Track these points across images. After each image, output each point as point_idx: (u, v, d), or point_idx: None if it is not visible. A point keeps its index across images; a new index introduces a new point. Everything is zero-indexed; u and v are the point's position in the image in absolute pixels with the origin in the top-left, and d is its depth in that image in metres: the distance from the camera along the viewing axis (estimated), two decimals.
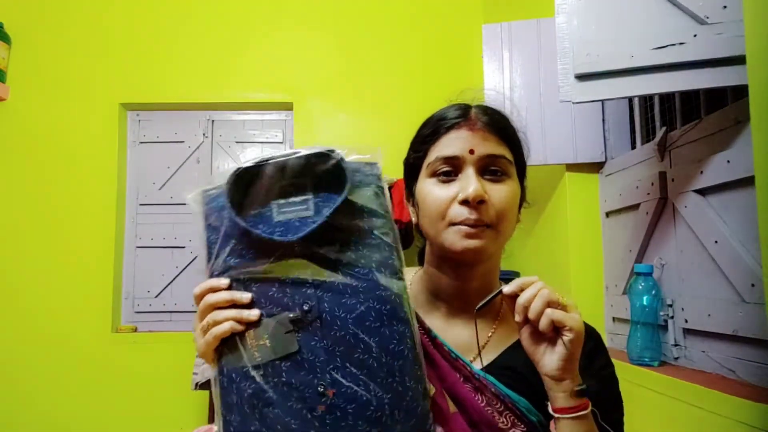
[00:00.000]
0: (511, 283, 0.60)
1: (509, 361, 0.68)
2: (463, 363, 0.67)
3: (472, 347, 0.69)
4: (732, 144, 1.08)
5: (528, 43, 1.75)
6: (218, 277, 0.59)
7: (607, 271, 1.62)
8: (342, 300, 0.58)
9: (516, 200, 0.69)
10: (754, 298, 1.00)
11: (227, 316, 0.57)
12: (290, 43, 2.76)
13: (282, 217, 0.60)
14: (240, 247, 0.59)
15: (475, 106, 0.71)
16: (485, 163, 0.67)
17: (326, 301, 0.58)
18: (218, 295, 0.58)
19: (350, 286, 0.58)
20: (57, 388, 2.52)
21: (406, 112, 2.60)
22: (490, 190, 0.66)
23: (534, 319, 0.58)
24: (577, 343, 0.58)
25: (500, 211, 0.65)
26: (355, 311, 0.57)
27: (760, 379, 1.00)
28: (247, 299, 0.58)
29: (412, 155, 0.73)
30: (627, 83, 1.15)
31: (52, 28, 2.72)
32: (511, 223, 0.68)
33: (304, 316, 0.57)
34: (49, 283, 2.58)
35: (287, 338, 0.57)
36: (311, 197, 0.61)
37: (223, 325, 0.57)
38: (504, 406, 0.64)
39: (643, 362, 1.25)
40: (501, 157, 0.67)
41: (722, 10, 1.04)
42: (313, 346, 0.57)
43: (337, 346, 0.56)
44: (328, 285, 0.58)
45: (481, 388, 0.65)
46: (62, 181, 2.65)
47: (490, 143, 0.67)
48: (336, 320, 0.57)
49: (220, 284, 0.59)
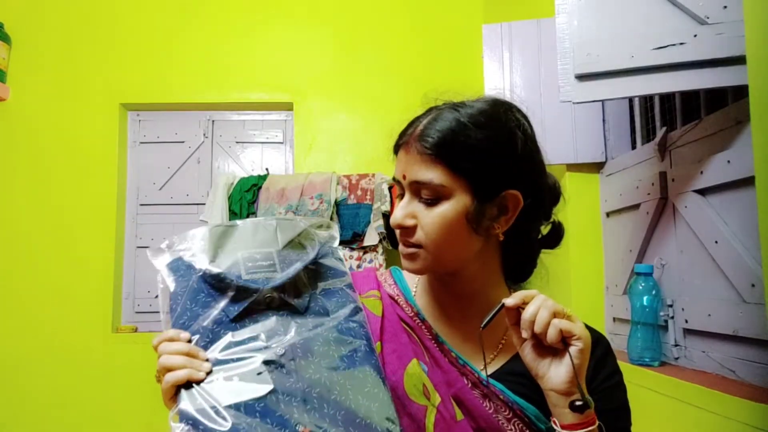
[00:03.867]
0: (513, 296, 0.59)
1: (518, 368, 0.66)
2: (471, 369, 0.66)
3: (480, 353, 0.68)
4: (732, 144, 1.08)
5: (528, 43, 1.75)
6: (184, 325, 0.58)
7: (608, 271, 1.62)
8: (314, 347, 0.59)
9: (451, 224, 0.63)
10: (755, 298, 1.00)
11: (180, 363, 0.54)
12: (290, 43, 2.76)
13: (249, 276, 0.62)
14: (208, 299, 0.61)
15: (424, 121, 0.67)
16: (416, 188, 0.65)
17: (299, 347, 0.59)
18: (174, 345, 0.56)
19: (320, 336, 0.60)
20: (57, 388, 2.52)
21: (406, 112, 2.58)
22: (420, 214, 0.64)
23: (541, 331, 0.56)
24: (585, 353, 0.57)
25: (428, 235, 0.64)
26: (327, 357, 0.59)
27: (761, 379, 1.00)
28: (203, 357, 0.56)
29: None
30: (627, 83, 1.15)
31: (52, 28, 2.73)
32: (450, 245, 0.65)
33: (278, 359, 0.57)
34: (49, 283, 2.58)
35: (260, 378, 0.56)
36: (276, 261, 0.64)
37: (179, 371, 0.54)
38: (513, 414, 0.63)
39: (643, 362, 1.25)
40: (429, 183, 0.63)
41: (722, 10, 1.04)
42: (288, 387, 0.56)
43: (314, 387, 0.57)
44: (299, 332, 0.60)
45: (489, 395, 0.64)
46: (62, 182, 2.65)
47: (419, 167, 0.64)
48: (310, 365, 0.58)
49: (180, 336, 0.57)
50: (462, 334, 0.70)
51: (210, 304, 0.60)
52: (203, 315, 0.59)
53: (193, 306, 0.60)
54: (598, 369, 0.67)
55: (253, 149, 2.83)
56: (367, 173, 2.43)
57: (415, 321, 0.71)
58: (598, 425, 0.58)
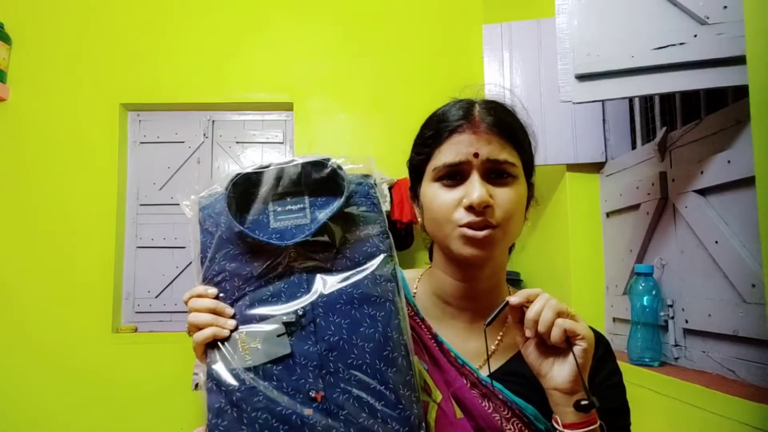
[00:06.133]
0: (517, 294, 0.59)
1: (517, 368, 0.66)
2: (470, 369, 0.66)
3: (479, 353, 0.69)
4: (732, 144, 1.08)
5: (528, 43, 1.75)
6: (212, 280, 0.60)
7: (608, 271, 1.62)
8: (336, 306, 0.58)
9: (522, 201, 0.67)
10: (755, 298, 1.00)
11: (207, 321, 0.58)
12: (290, 44, 2.76)
13: (278, 224, 0.61)
14: (236, 252, 0.60)
15: (478, 104, 0.69)
16: (489, 167, 0.65)
17: (320, 306, 0.58)
18: (201, 301, 0.59)
19: (345, 292, 0.59)
20: (57, 388, 2.52)
21: (406, 112, 2.60)
22: (495, 193, 0.64)
23: (544, 331, 0.56)
24: (589, 353, 0.57)
25: (506, 213, 0.64)
26: (348, 317, 0.58)
27: (761, 380, 1.00)
28: (229, 313, 0.59)
29: (416, 157, 0.72)
30: (627, 83, 1.15)
31: (52, 28, 2.72)
32: (517, 224, 0.67)
33: (297, 320, 0.57)
34: (49, 284, 2.58)
35: (279, 341, 0.57)
36: (307, 205, 0.62)
37: (205, 330, 0.57)
38: (511, 413, 0.63)
39: (643, 362, 1.25)
40: (505, 161, 0.65)
41: (722, 10, 1.04)
42: (305, 350, 0.57)
43: (331, 351, 0.57)
44: (323, 289, 0.59)
45: (488, 395, 0.64)
46: (62, 182, 2.64)
47: (494, 146, 0.65)
48: (330, 325, 0.57)
49: (207, 292, 0.59)
50: (461, 335, 0.71)
51: (237, 257, 0.60)
52: (230, 270, 0.60)
53: (221, 260, 0.60)
54: (598, 368, 0.67)
55: (253, 149, 2.83)
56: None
57: (415, 320, 0.71)
58: (599, 424, 0.58)
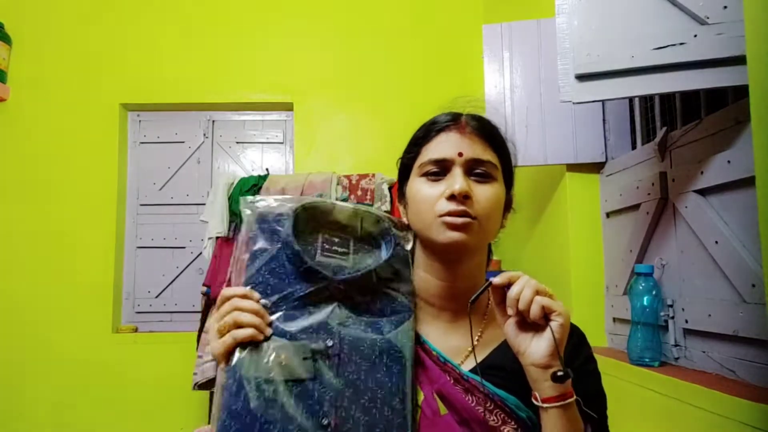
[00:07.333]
0: (499, 276, 0.63)
1: (498, 361, 0.70)
2: (452, 366, 0.69)
3: (461, 350, 0.72)
4: (732, 144, 1.08)
5: (528, 43, 1.75)
6: (254, 287, 0.63)
7: (608, 271, 1.62)
8: (360, 347, 0.63)
9: (500, 202, 0.72)
10: (755, 298, 1.00)
11: (250, 321, 0.60)
12: (290, 44, 2.77)
13: (323, 258, 0.66)
14: (282, 271, 0.64)
15: (465, 114, 0.74)
16: (471, 166, 0.70)
17: (347, 344, 0.62)
18: (246, 302, 0.61)
19: (370, 338, 0.64)
20: (57, 388, 2.52)
21: (406, 112, 2.60)
22: (475, 189, 0.69)
23: (524, 308, 0.60)
24: (565, 329, 0.61)
25: (484, 209, 0.69)
26: (369, 362, 0.63)
27: (761, 380, 1.00)
28: (269, 320, 0.61)
29: (405, 156, 0.77)
30: (627, 83, 1.15)
31: (52, 28, 2.73)
32: (494, 223, 0.71)
33: (325, 350, 0.61)
34: (49, 284, 2.58)
35: (304, 364, 0.60)
36: (351, 251, 0.68)
37: (246, 329, 0.59)
38: (494, 405, 0.66)
39: (643, 362, 1.25)
40: (486, 161, 0.70)
41: (722, 10, 1.04)
42: (326, 379, 0.60)
43: (347, 387, 0.60)
44: (352, 331, 0.63)
45: (471, 390, 0.67)
46: (63, 182, 2.65)
47: (477, 147, 0.71)
48: (352, 364, 0.62)
49: (253, 295, 0.62)
50: (443, 334, 0.73)
51: (282, 277, 0.63)
52: (273, 285, 0.63)
53: (266, 274, 0.63)
54: (573, 356, 0.70)
55: (254, 149, 2.83)
56: (367, 173, 2.43)
57: None
58: (576, 399, 0.62)
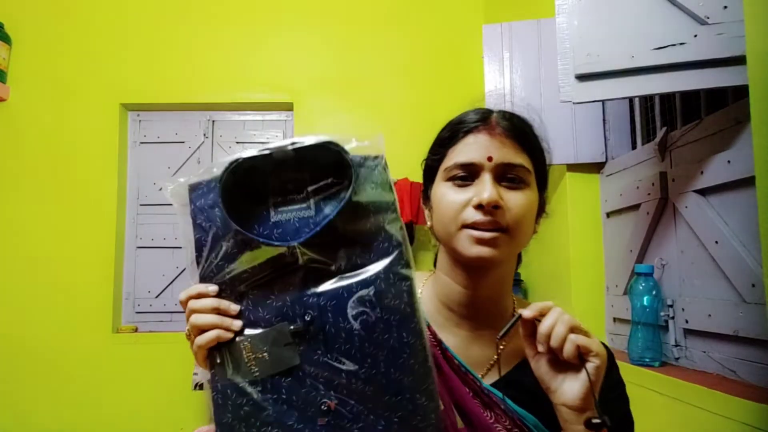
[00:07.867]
0: (529, 307, 0.58)
1: (519, 377, 0.66)
2: (473, 378, 0.65)
3: (482, 361, 0.68)
4: (732, 144, 1.08)
5: (528, 43, 1.75)
6: (209, 281, 0.55)
7: (608, 271, 1.62)
8: (346, 310, 0.52)
9: (533, 209, 0.66)
10: (755, 298, 1.00)
11: (211, 322, 0.53)
12: (290, 44, 2.76)
13: (279, 216, 0.55)
14: (234, 250, 0.54)
15: (496, 111, 0.69)
16: (502, 171, 0.65)
17: (329, 311, 0.52)
18: (202, 302, 0.54)
19: (356, 295, 0.53)
20: (58, 389, 2.52)
21: (406, 112, 2.60)
22: (506, 196, 0.64)
23: (557, 346, 0.55)
24: (602, 370, 0.56)
25: (516, 217, 0.63)
26: (360, 321, 0.52)
27: (761, 380, 1.00)
28: (234, 311, 0.54)
29: (430, 158, 0.72)
30: (627, 83, 1.15)
31: (52, 28, 2.72)
32: (526, 232, 0.66)
33: (305, 328, 0.52)
34: (49, 283, 2.58)
35: (287, 351, 0.52)
36: (311, 195, 0.55)
37: (208, 333, 0.53)
38: (513, 423, 0.63)
39: (643, 363, 1.25)
40: (519, 165, 0.65)
41: (722, 10, 1.04)
42: (315, 360, 0.52)
43: (342, 359, 0.52)
44: (332, 293, 0.53)
45: (490, 404, 0.64)
46: (63, 182, 2.64)
47: (508, 150, 0.65)
48: (341, 332, 0.52)
49: (208, 291, 0.54)
50: (465, 343, 0.69)
51: (236, 257, 0.54)
52: (228, 269, 0.54)
53: (219, 260, 0.54)
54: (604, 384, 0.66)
55: (254, 149, 2.82)
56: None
57: None
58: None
